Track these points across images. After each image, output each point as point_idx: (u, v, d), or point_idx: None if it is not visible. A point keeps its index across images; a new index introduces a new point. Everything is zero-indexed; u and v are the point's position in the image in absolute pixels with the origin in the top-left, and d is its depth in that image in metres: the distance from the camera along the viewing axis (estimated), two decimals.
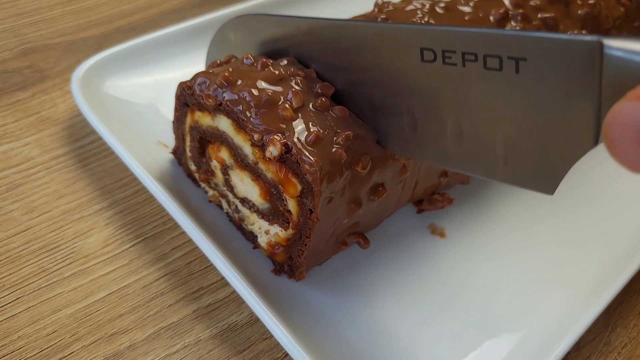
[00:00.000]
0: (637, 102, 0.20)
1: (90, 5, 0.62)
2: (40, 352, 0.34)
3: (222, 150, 0.37)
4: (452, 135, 0.31)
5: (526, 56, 0.26)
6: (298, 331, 0.33)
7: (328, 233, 0.34)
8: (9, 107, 0.50)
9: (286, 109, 0.32)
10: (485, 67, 0.28)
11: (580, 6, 0.45)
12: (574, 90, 0.25)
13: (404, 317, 0.36)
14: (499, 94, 0.28)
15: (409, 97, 0.32)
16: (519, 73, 0.27)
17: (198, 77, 0.35)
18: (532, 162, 0.29)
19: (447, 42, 0.29)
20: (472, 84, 0.29)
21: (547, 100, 0.27)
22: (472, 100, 0.29)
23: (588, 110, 0.25)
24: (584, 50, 0.24)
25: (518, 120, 0.28)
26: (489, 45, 0.27)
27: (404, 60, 0.31)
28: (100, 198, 0.43)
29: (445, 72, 0.29)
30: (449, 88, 0.30)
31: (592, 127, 0.26)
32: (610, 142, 0.20)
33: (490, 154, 0.30)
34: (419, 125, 0.32)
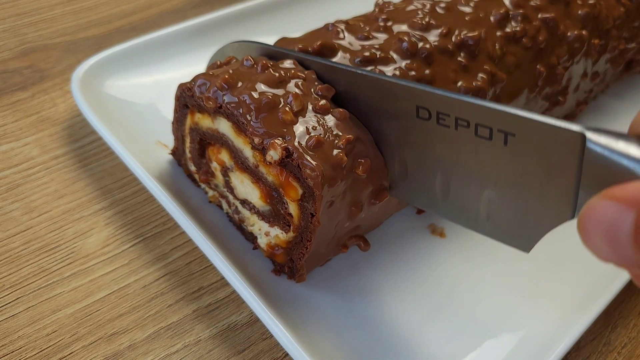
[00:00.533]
0: (610, 203, 0.21)
1: (90, 5, 0.62)
2: (40, 352, 0.34)
3: (223, 152, 0.36)
4: (439, 188, 0.33)
5: (515, 132, 0.28)
6: (298, 331, 0.33)
7: (329, 236, 0.34)
8: (9, 107, 0.50)
9: (286, 113, 0.32)
10: (476, 134, 0.29)
11: (580, 6, 0.45)
12: (556, 170, 0.27)
13: (403, 316, 0.36)
14: (487, 160, 0.30)
15: (401, 147, 0.34)
16: (507, 145, 0.28)
17: (198, 79, 0.35)
18: (512, 224, 0.31)
19: (443, 105, 0.30)
20: (462, 146, 0.30)
21: (530, 173, 0.28)
22: (461, 161, 0.31)
23: (567, 190, 0.27)
24: (567, 139, 0.26)
25: (502, 186, 0.30)
26: (481, 115, 0.29)
27: (400, 113, 0.32)
28: (100, 198, 0.43)
29: (438, 131, 0.31)
30: (440, 146, 0.32)
31: (570, 205, 0.27)
32: (583, 234, 0.22)
33: (474, 210, 0.32)
34: (409, 174, 0.34)
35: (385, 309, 0.37)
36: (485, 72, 0.38)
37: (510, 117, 0.27)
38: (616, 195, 0.21)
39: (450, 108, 0.30)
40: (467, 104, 0.29)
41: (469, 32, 0.39)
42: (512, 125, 0.28)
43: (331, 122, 0.32)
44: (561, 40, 0.43)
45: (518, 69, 0.40)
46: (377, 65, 0.36)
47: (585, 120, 0.53)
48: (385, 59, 0.36)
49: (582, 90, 0.49)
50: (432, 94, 0.30)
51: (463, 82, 0.37)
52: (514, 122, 0.27)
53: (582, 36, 0.43)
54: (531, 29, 0.41)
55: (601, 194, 0.21)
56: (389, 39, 0.38)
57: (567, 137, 0.26)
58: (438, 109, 0.30)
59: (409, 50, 0.37)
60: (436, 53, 0.37)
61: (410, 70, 0.36)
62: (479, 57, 0.38)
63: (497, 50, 0.39)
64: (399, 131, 0.33)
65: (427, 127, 0.31)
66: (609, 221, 0.21)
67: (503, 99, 0.40)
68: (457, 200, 0.33)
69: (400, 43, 0.37)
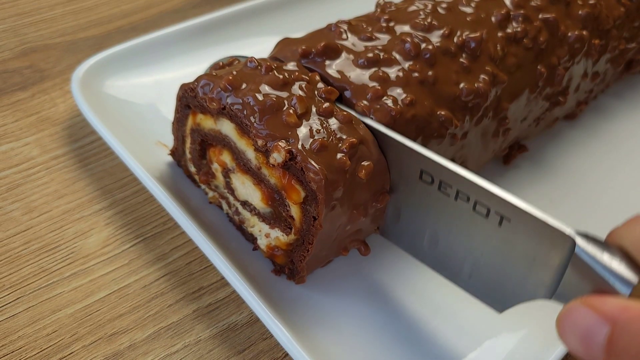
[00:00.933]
0: (588, 311, 0.23)
1: (90, 5, 0.62)
2: (40, 352, 0.34)
3: (224, 154, 0.36)
4: (427, 240, 0.34)
5: (511, 218, 0.29)
6: (298, 331, 0.33)
7: (330, 239, 0.34)
8: (9, 107, 0.50)
9: (290, 115, 0.32)
10: (474, 210, 0.31)
11: (580, 6, 0.45)
12: (543, 260, 0.29)
13: (403, 317, 0.36)
14: (479, 233, 0.31)
15: (398, 196, 0.35)
16: (501, 227, 0.30)
17: (201, 80, 0.35)
18: (491, 288, 0.32)
19: (447, 177, 0.31)
20: (458, 216, 0.32)
21: (517, 255, 0.30)
22: (454, 226, 0.32)
23: (550, 277, 0.29)
24: (558, 239, 0.27)
25: (489, 257, 0.31)
26: (483, 195, 0.30)
27: (403, 170, 0.33)
28: (100, 198, 0.43)
29: (437, 196, 0.32)
30: (437, 209, 0.33)
31: (550, 289, 0.29)
32: (560, 330, 0.24)
33: (458, 267, 0.33)
34: (401, 220, 0.35)
35: (385, 309, 0.37)
36: (487, 73, 0.38)
37: (510, 205, 0.29)
38: (595, 306, 0.23)
39: (454, 181, 0.31)
40: (471, 182, 0.30)
41: (470, 33, 0.39)
42: (509, 212, 0.29)
43: (335, 125, 0.32)
44: (562, 40, 0.43)
45: (519, 69, 0.40)
46: (380, 67, 0.36)
47: (585, 120, 0.53)
48: (388, 60, 0.36)
49: (583, 91, 0.49)
50: (438, 164, 0.31)
51: (465, 84, 0.37)
52: (513, 209, 0.29)
53: (582, 36, 0.43)
54: (532, 29, 0.41)
55: (582, 300, 0.24)
56: (392, 39, 0.38)
57: (558, 237, 0.27)
58: (442, 178, 0.31)
59: (412, 51, 0.37)
60: (439, 54, 0.37)
61: (414, 71, 0.36)
62: (480, 58, 0.38)
63: (498, 51, 0.39)
64: (399, 182, 0.34)
65: (428, 190, 0.32)
66: (585, 328, 0.23)
67: (504, 99, 0.40)
68: (443, 256, 0.34)
69: (403, 44, 0.37)
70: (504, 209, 0.29)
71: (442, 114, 0.36)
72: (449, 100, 0.36)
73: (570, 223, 0.43)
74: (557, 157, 0.49)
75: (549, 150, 0.49)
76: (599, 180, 0.47)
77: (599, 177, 0.47)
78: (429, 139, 0.36)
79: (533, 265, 0.29)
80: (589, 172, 0.48)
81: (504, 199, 0.29)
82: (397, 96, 0.35)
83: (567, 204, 0.45)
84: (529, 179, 0.46)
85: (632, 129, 0.52)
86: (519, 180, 0.46)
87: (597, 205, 0.45)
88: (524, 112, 0.43)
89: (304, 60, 0.36)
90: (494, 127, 0.41)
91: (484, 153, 0.42)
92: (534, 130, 0.47)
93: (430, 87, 0.36)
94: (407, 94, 0.35)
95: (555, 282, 0.28)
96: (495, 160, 0.47)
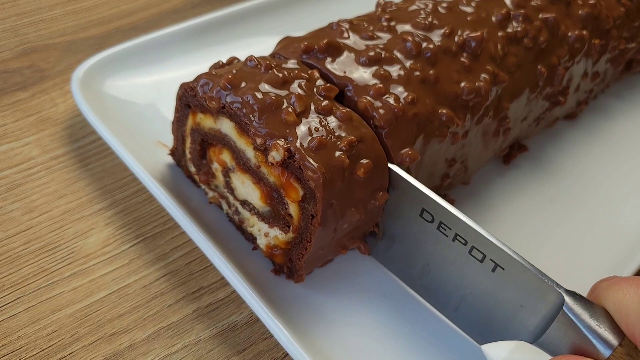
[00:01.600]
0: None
1: (90, 5, 0.62)
2: (40, 352, 0.34)
3: (224, 153, 0.36)
4: (419, 271, 0.35)
5: (505, 267, 0.30)
6: (298, 331, 0.33)
7: (328, 237, 0.34)
8: (9, 107, 0.50)
9: (289, 114, 0.32)
10: (470, 253, 0.31)
11: (581, 6, 0.45)
12: (530, 309, 0.30)
13: (403, 316, 0.36)
14: (472, 274, 0.32)
15: (395, 227, 0.35)
16: (494, 273, 0.31)
17: (201, 79, 0.35)
18: (476, 323, 0.33)
19: (448, 219, 0.32)
20: (453, 256, 0.32)
21: (507, 300, 0.31)
22: (447, 263, 0.33)
23: (534, 325, 0.30)
24: (548, 294, 0.29)
25: (478, 296, 0.32)
26: (480, 242, 0.31)
27: (404, 206, 0.34)
28: (101, 198, 0.43)
29: (435, 234, 0.33)
30: (433, 246, 0.33)
31: (533, 334, 0.30)
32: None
33: (445, 298, 0.34)
34: (395, 248, 0.36)
35: (385, 309, 0.37)
36: (488, 72, 0.38)
37: (506, 255, 0.30)
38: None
39: (454, 224, 0.32)
40: (471, 229, 0.31)
41: (471, 33, 0.39)
42: (505, 261, 0.30)
43: (334, 123, 0.32)
44: (562, 40, 0.43)
45: (519, 69, 0.40)
46: (382, 65, 0.36)
47: (585, 120, 0.53)
48: (390, 59, 0.36)
49: (583, 90, 0.49)
50: (440, 206, 0.32)
51: (466, 83, 0.37)
52: (508, 260, 0.30)
53: (582, 36, 0.43)
54: (532, 29, 0.41)
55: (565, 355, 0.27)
56: (393, 39, 0.38)
57: (548, 292, 0.29)
58: (442, 219, 0.32)
59: (413, 50, 0.37)
60: (440, 53, 0.37)
61: (415, 70, 0.36)
62: (481, 57, 0.39)
63: (498, 51, 0.39)
64: (397, 216, 0.35)
65: (426, 228, 0.33)
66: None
67: (505, 99, 0.40)
68: (432, 287, 0.35)
69: (404, 43, 0.37)
70: (500, 258, 0.30)
71: (444, 113, 0.36)
72: (450, 99, 0.36)
73: (570, 223, 0.43)
74: (557, 156, 0.49)
75: (549, 150, 0.49)
76: (599, 180, 0.47)
77: (598, 177, 0.47)
78: (430, 137, 0.36)
79: (520, 310, 0.30)
80: (589, 171, 0.48)
81: (502, 249, 0.30)
82: (399, 94, 0.35)
83: (567, 203, 0.45)
84: (529, 178, 0.47)
85: (632, 129, 0.52)
86: (519, 180, 0.46)
87: (596, 205, 0.45)
88: (524, 111, 0.43)
89: (306, 56, 0.36)
90: (494, 126, 0.41)
91: (484, 152, 0.42)
92: (534, 129, 0.47)
93: (432, 86, 0.36)
94: (408, 93, 0.35)
95: (539, 330, 0.30)
96: (496, 160, 0.47)
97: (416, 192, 0.33)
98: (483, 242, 0.31)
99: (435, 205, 0.32)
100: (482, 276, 0.31)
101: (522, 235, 0.42)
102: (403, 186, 0.33)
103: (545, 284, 0.29)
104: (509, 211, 0.44)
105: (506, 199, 0.45)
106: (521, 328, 0.31)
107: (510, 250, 0.30)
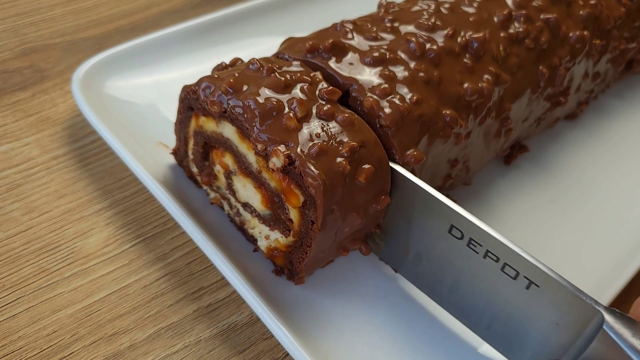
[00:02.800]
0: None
1: (90, 5, 0.62)
2: (41, 352, 0.34)
3: (226, 156, 0.36)
4: (448, 288, 0.34)
5: (540, 284, 0.29)
6: (298, 331, 0.33)
7: (329, 241, 0.34)
8: (9, 107, 0.50)
9: (290, 119, 0.32)
10: (502, 270, 0.30)
11: (581, 6, 0.45)
12: (566, 326, 0.29)
13: (403, 317, 0.36)
14: (504, 291, 0.31)
15: (422, 245, 0.34)
16: (528, 290, 0.29)
17: (203, 82, 0.35)
18: (509, 341, 0.32)
19: (478, 235, 0.31)
20: (484, 273, 0.31)
21: (541, 317, 0.30)
22: (478, 280, 0.32)
23: (570, 343, 0.29)
24: (587, 312, 0.27)
25: (511, 314, 0.31)
26: (513, 259, 0.29)
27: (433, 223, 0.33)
28: (101, 198, 0.43)
29: (465, 251, 0.31)
30: (462, 263, 0.32)
31: (571, 354, 0.29)
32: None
33: (477, 316, 0.33)
34: (422, 266, 0.35)
35: (386, 310, 0.37)
36: (490, 73, 0.38)
37: (541, 272, 0.29)
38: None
39: (485, 240, 0.30)
40: (503, 245, 0.30)
41: (473, 34, 0.39)
42: (540, 278, 0.29)
43: (335, 128, 0.32)
44: (563, 41, 0.43)
45: (521, 70, 0.40)
46: (387, 66, 0.36)
47: (586, 120, 0.53)
48: (394, 60, 0.36)
49: (583, 91, 0.49)
50: (468, 220, 0.31)
51: (469, 84, 0.37)
52: (543, 277, 0.29)
53: (583, 37, 0.43)
54: (534, 29, 0.41)
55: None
56: (397, 39, 0.38)
57: (587, 310, 0.27)
58: (472, 236, 0.31)
59: (417, 51, 0.37)
60: (443, 54, 0.37)
61: (419, 71, 0.36)
62: (483, 58, 0.39)
63: (500, 52, 0.39)
64: (425, 232, 0.34)
65: (456, 245, 0.32)
66: None
67: (507, 99, 0.40)
68: (463, 304, 0.34)
69: (408, 44, 0.37)
70: (534, 275, 0.29)
71: (448, 114, 0.36)
72: (454, 100, 0.36)
73: (571, 223, 0.43)
74: (558, 157, 0.49)
75: (549, 150, 0.49)
76: (600, 180, 0.47)
77: (599, 177, 0.47)
78: (434, 138, 0.36)
79: (556, 329, 0.29)
80: (590, 171, 0.48)
81: (537, 266, 0.29)
82: (404, 95, 0.35)
83: (568, 203, 0.45)
84: (530, 179, 0.46)
85: (632, 129, 0.52)
86: (519, 181, 0.46)
87: (597, 205, 0.45)
88: (525, 112, 0.43)
89: (310, 56, 0.36)
90: (496, 127, 0.41)
91: (486, 153, 0.42)
92: (535, 130, 0.47)
93: (436, 86, 0.36)
94: (413, 93, 0.35)
95: (577, 349, 0.28)
96: (497, 161, 0.47)
97: (444, 207, 0.32)
98: (516, 259, 0.29)
99: (465, 220, 0.31)
100: (516, 293, 0.30)
101: (523, 236, 0.42)
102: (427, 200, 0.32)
103: (583, 301, 0.28)
104: (510, 211, 0.44)
105: (507, 199, 0.45)
106: (557, 347, 0.30)
107: (546, 267, 0.29)
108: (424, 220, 0.33)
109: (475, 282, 0.32)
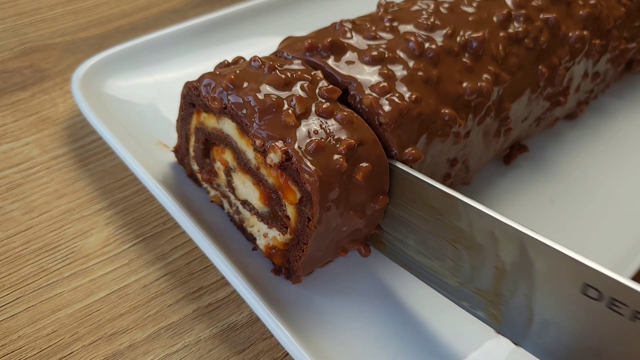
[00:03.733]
0: None
1: (90, 5, 0.62)
2: (40, 351, 0.34)
3: (226, 153, 0.36)
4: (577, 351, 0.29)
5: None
6: (298, 331, 0.33)
7: (327, 240, 0.34)
8: (9, 107, 0.50)
9: (289, 115, 0.32)
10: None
11: (581, 6, 0.45)
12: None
13: (403, 317, 0.36)
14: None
15: (548, 308, 0.30)
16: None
17: (204, 78, 0.35)
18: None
19: (621, 294, 0.26)
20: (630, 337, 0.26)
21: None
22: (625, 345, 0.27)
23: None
24: None
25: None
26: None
27: (556, 279, 0.29)
28: (100, 198, 0.43)
29: (606, 314, 0.27)
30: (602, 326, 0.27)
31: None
32: None
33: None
34: (549, 334, 0.30)
35: (386, 310, 0.37)
36: (489, 72, 0.38)
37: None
38: None
39: (632, 300, 0.25)
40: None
41: (473, 33, 0.39)
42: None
43: (334, 125, 0.32)
44: (563, 40, 0.43)
45: (521, 69, 0.40)
46: (386, 64, 0.36)
47: (585, 120, 0.53)
48: (393, 59, 0.36)
49: (583, 91, 0.49)
50: (609, 278, 0.26)
51: (468, 83, 0.37)
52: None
53: (583, 36, 0.43)
54: (533, 29, 0.41)
55: None
56: (396, 39, 0.38)
57: None
58: (613, 295, 0.26)
59: (416, 50, 0.37)
60: (442, 54, 0.37)
61: (418, 70, 0.36)
62: (483, 57, 0.38)
63: (500, 51, 0.39)
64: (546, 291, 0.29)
65: (593, 307, 0.27)
66: None
67: (506, 99, 0.40)
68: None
69: (407, 43, 0.37)
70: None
71: (447, 113, 0.36)
72: (453, 99, 0.36)
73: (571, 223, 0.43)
74: (558, 157, 0.49)
75: (549, 150, 0.49)
76: (600, 180, 0.47)
77: (599, 177, 0.47)
78: (433, 136, 0.35)
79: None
80: (589, 171, 0.48)
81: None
82: (403, 93, 0.35)
83: (568, 203, 0.45)
84: (530, 179, 0.46)
85: (632, 129, 0.52)
86: (519, 180, 0.46)
87: (597, 205, 0.45)
88: (525, 111, 0.43)
89: (309, 54, 0.36)
90: (495, 126, 0.41)
91: (485, 152, 0.42)
92: (535, 130, 0.47)
93: (435, 85, 0.36)
94: (412, 92, 0.35)
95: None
96: (496, 160, 0.47)
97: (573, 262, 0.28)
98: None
99: (602, 276, 0.26)
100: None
101: None
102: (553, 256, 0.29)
103: None
104: (510, 211, 0.44)
105: (507, 199, 0.45)
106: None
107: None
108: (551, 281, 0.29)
109: (622, 350, 0.27)
